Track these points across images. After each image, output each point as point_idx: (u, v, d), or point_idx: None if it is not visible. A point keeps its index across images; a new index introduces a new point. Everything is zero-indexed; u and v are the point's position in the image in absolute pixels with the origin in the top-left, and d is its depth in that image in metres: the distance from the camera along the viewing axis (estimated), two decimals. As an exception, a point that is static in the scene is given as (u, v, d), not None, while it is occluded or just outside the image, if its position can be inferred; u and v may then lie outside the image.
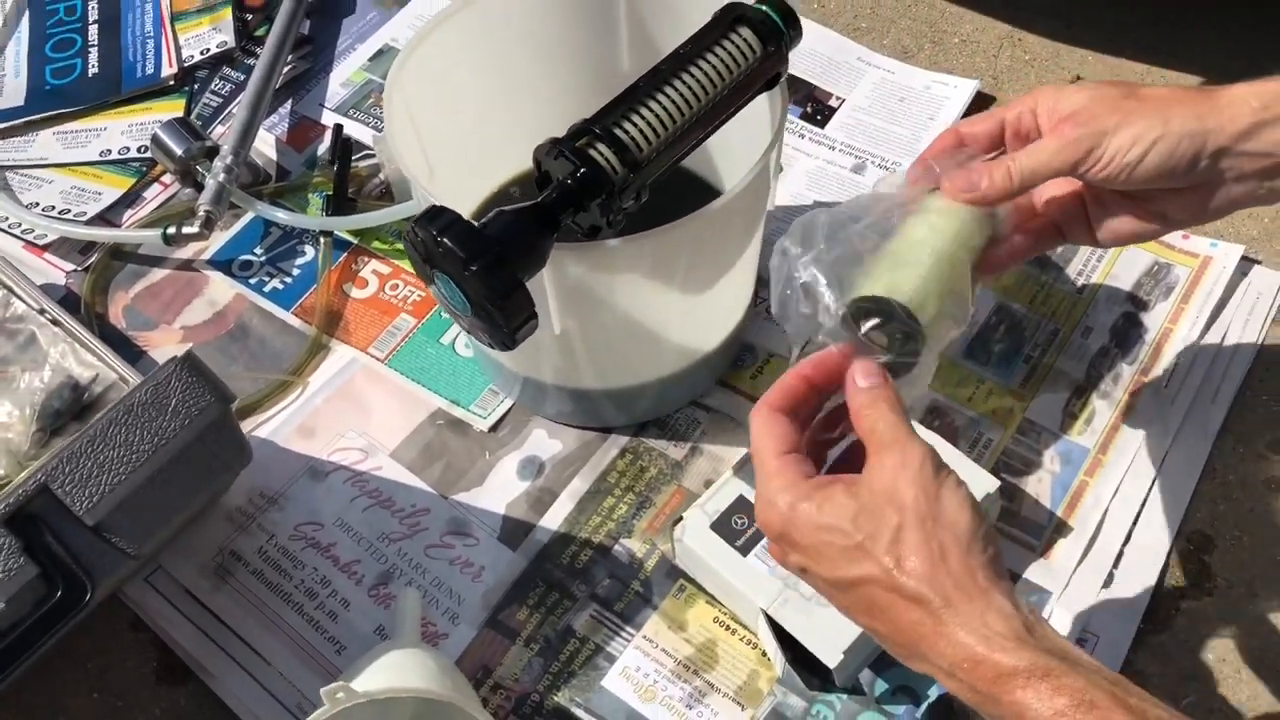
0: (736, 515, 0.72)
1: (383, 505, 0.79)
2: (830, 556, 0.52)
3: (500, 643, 0.73)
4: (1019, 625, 0.48)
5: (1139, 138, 0.58)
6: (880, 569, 0.50)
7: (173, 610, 0.75)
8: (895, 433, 0.52)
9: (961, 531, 0.50)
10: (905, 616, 0.50)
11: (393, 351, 0.86)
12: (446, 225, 0.58)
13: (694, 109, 0.64)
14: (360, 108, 1.00)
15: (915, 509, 0.50)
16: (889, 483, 0.51)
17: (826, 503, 0.52)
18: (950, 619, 0.48)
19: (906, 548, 0.50)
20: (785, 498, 0.53)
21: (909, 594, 0.49)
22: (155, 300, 0.90)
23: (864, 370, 0.55)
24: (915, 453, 0.51)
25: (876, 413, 0.53)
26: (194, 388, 0.62)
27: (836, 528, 0.51)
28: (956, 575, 0.49)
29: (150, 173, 0.97)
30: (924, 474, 0.51)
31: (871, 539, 0.50)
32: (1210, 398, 0.81)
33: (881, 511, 0.50)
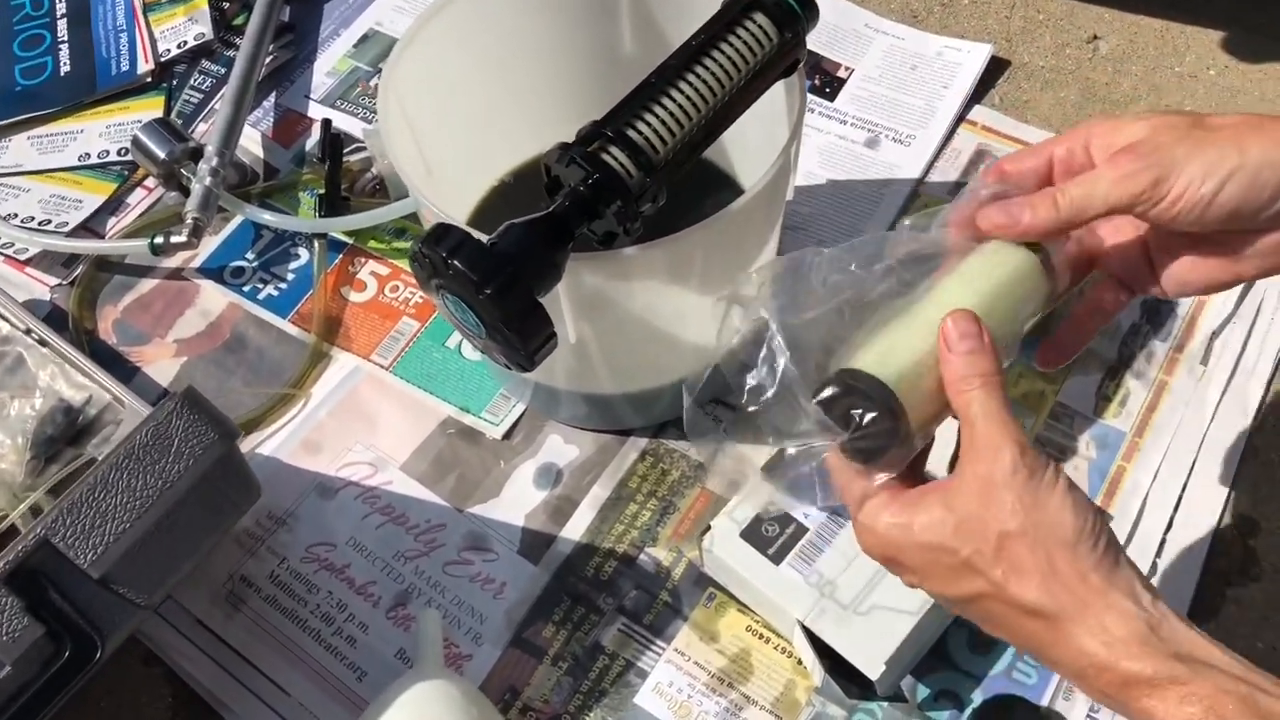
0: (767, 522, 0.69)
1: (396, 522, 0.76)
2: (939, 575, 0.50)
3: (527, 662, 0.71)
4: (1142, 627, 0.46)
5: (1213, 169, 0.51)
6: (991, 584, 0.48)
7: (185, 643, 0.72)
8: (989, 424, 0.48)
9: (1067, 534, 0.47)
10: (1025, 627, 0.48)
11: (397, 358, 0.82)
12: (456, 245, 0.54)
13: (710, 105, 0.60)
14: (348, 98, 0.96)
15: (1015, 517, 0.47)
16: (984, 488, 0.48)
17: (923, 518, 0.49)
18: (1069, 627, 0.46)
19: (1013, 560, 0.47)
20: (880, 521, 0.50)
21: (1024, 606, 0.47)
22: (146, 313, 0.86)
23: (959, 328, 0.49)
24: (1010, 450, 0.48)
25: (972, 393, 0.49)
26: (196, 425, 0.58)
27: (940, 546, 0.48)
28: (1069, 582, 0.46)
29: (132, 176, 0.93)
30: (1019, 475, 0.47)
31: (978, 554, 0.48)
32: (1248, 373, 0.78)
33: (981, 523, 0.47)
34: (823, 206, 0.88)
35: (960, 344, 0.49)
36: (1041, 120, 0.91)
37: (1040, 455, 0.48)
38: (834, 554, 0.68)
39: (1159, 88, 0.92)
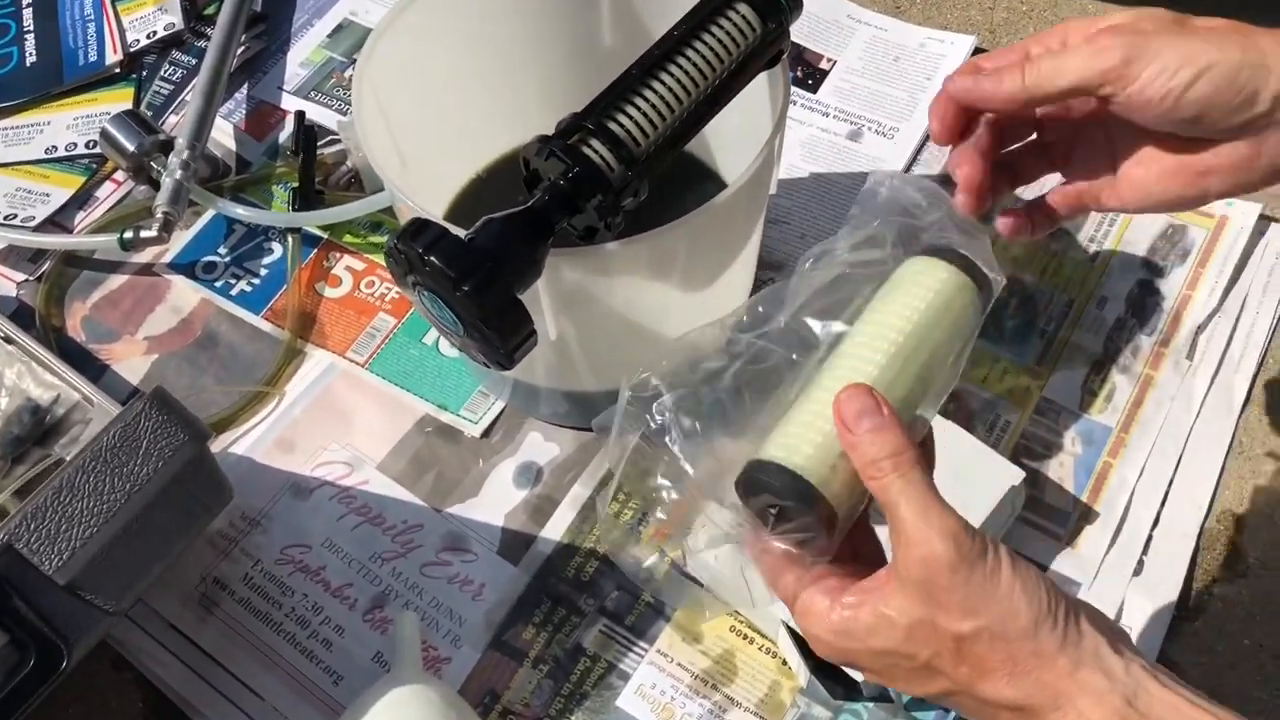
0: None
1: (372, 522, 0.74)
2: (902, 677, 0.47)
3: (507, 665, 0.69)
4: (1119, 704, 0.43)
5: (1188, 60, 0.48)
6: (957, 684, 0.45)
7: (157, 646, 0.71)
8: (913, 512, 0.44)
9: (1024, 623, 0.44)
10: (1003, 718, 0.45)
11: (373, 355, 0.81)
12: (433, 241, 0.53)
13: (693, 97, 0.59)
14: (322, 89, 0.94)
15: (967, 618, 0.44)
16: (926, 591, 0.44)
17: (867, 622, 0.46)
18: (1048, 717, 0.44)
19: (975, 660, 0.44)
20: (825, 630, 0.47)
21: (997, 703, 0.45)
22: (115, 310, 0.84)
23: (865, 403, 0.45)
24: (942, 544, 0.44)
25: (887, 479, 0.45)
26: (166, 426, 0.57)
27: (895, 652, 0.45)
28: (1035, 673, 0.44)
29: (101, 170, 0.91)
30: (960, 572, 0.44)
31: (937, 656, 0.45)
32: (1234, 367, 0.77)
33: (932, 627, 0.44)
34: (805, 200, 0.87)
35: (859, 424, 0.45)
36: (1025, 113, 0.90)
37: (976, 538, 0.44)
38: None
39: (1143, 80, 0.91)
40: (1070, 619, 0.44)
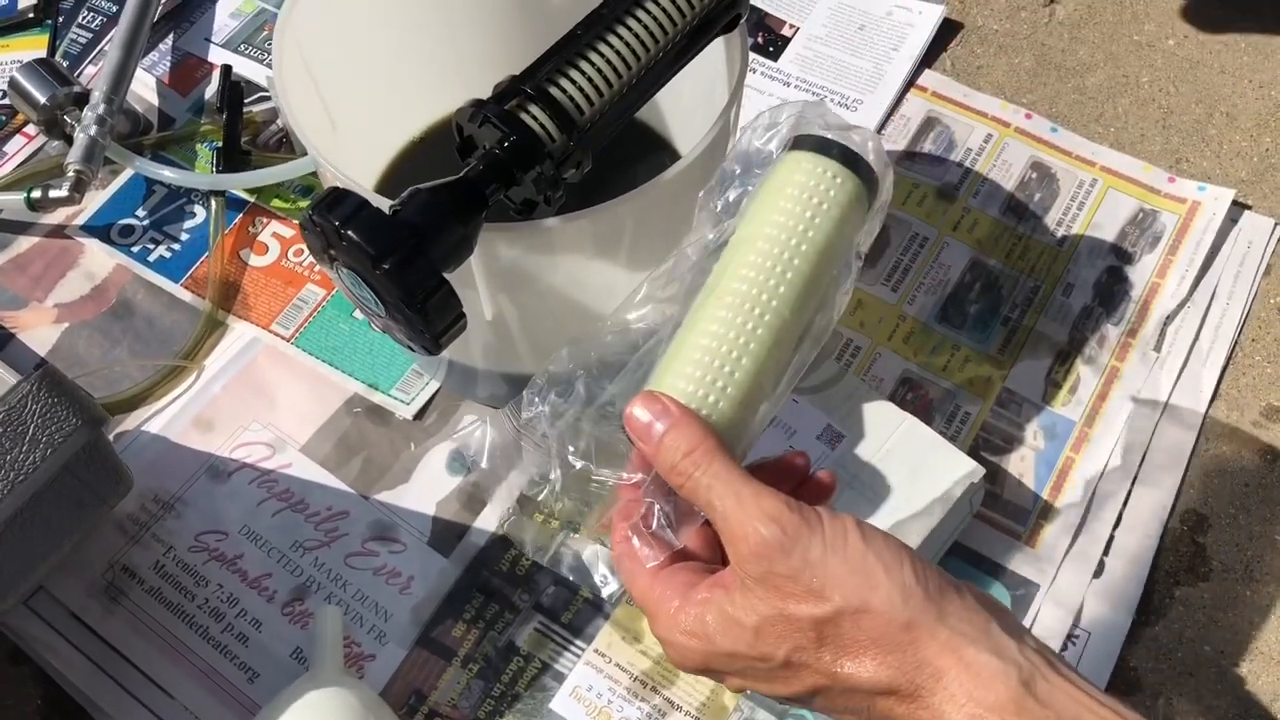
0: None
1: (295, 509, 0.70)
2: (764, 678, 0.42)
3: (434, 663, 0.65)
4: (1015, 686, 0.38)
5: None
6: (825, 677, 0.41)
7: (58, 638, 0.66)
8: (729, 503, 0.41)
9: (886, 595, 0.39)
10: (879, 707, 0.41)
11: (299, 329, 0.76)
12: (351, 213, 0.48)
13: (642, 61, 0.54)
14: (253, 42, 0.88)
15: (823, 599, 0.40)
16: (768, 581, 0.40)
17: (718, 624, 0.41)
18: (930, 701, 0.39)
19: (838, 646, 0.40)
20: (676, 636, 0.43)
21: (871, 689, 0.40)
22: (23, 275, 0.79)
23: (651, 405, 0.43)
24: (768, 527, 0.40)
25: (694, 476, 0.41)
26: (56, 409, 0.52)
27: (748, 655, 0.41)
28: (909, 648, 0.39)
29: (10, 122, 0.85)
30: (798, 550, 0.40)
31: (797, 650, 0.40)
32: (1202, 360, 0.74)
33: (782, 619, 0.40)
34: (763, 174, 0.82)
35: (652, 433, 0.42)
36: (995, 87, 0.86)
37: (805, 513, 0.41)
38: None
39: (1116, 56, 0.88)
40: (949, 591, 0.40)
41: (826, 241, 0.45)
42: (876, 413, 0.67)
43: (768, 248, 0.45)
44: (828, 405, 0.67)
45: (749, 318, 0.44)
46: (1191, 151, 0.83)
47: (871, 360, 0.74)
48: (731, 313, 0.44)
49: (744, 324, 0.44)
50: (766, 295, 0.44)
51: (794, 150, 0.47)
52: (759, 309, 0.44)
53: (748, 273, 0.44)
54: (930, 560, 0.45)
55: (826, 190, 0.46)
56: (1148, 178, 0.81)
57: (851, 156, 0.46)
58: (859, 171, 0.47)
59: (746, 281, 0.44)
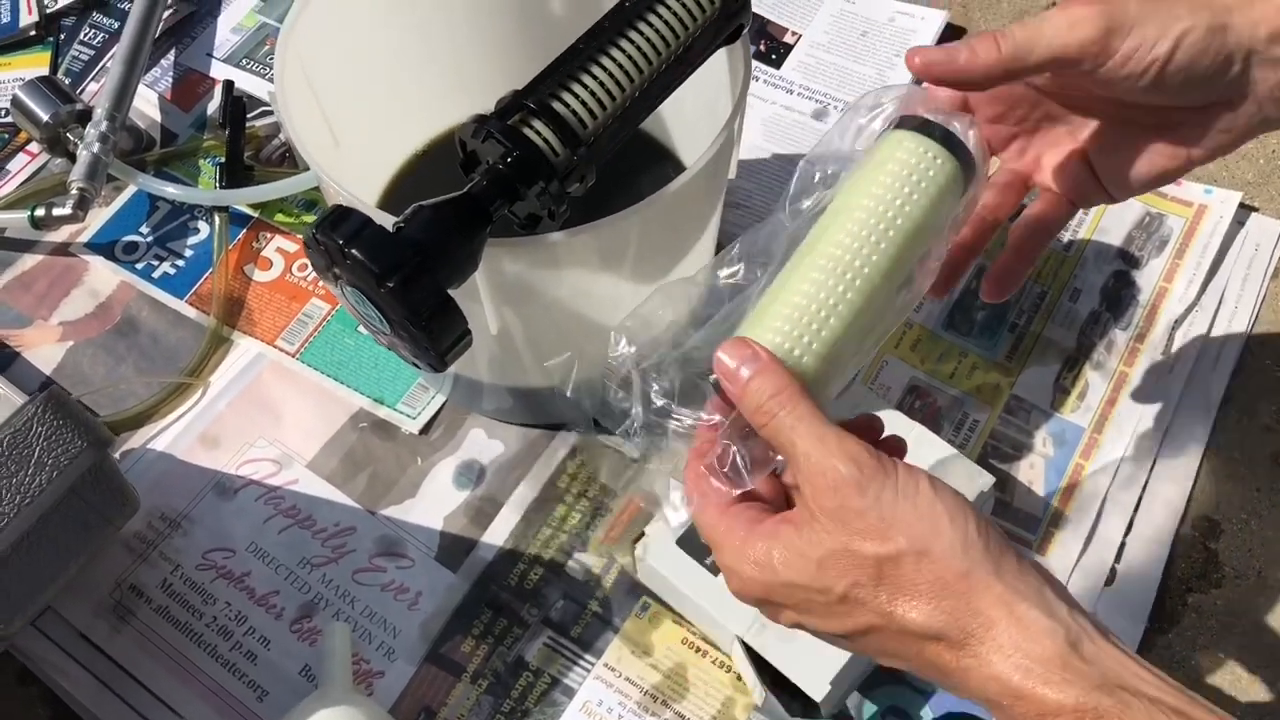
0: None
1: (302, 525, 0.69)
2: (820, 613, 0.43)
3: (443, 680, 0.65)
4: (1061, 645, 0.39)
5: (1166, 29, 0.46)
6: (879, 616, 0.42)
7: (66, 659, 0.65)
8: (810, 444, 0.42)
9: (952, 541, 0.41)
10: (926, 655, 0.42)
11: (304, 344, 0.75)
12: (355, 232, 0.48)
13: (645, 74, 0.54)
14: (254, 57, 0.88)
15: (887, 538, 0.41)
16: (838, 517, 0.42)
17: (783, 556, 0.43)
18: (978, 650, 0.40)
19: (898, 583, 0.41)
20: (741, 565, 0.44)
21: (922, 632, 0.41)
22: (27, 293, 0.79)
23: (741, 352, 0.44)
24: (845, 466, 0.42)
25: (777, 417, 0.43)
26: (62, 432, 0.51)
27: (808, 585, 0.42)
28: (967, 596, 0.40)
29: (13, 140, 0.85)
30: (870, 491, 0.41)
31: (856, 586, 0.42)
32: (1211, 364, 0.74)
33: (849, 555, 0.41)
34: (767, 182, 0.82)
35: (739, 376, 0.44)
36: (998, 93, 0.86)
37: (883, 459, 0.42)
38: None
39: (1120, 60, 0.87)
40: (1007, 548, 0.41)
41: (922, 217, 0.47)
42: (885, 422, 0.66)
43: (865, 217, 0.46)
44: (835, 415, 0.67)
45: (841, 280, 0.45)
46: (1197, 154, 0.83)
47: (879, 369, 0.74)
48: (825, 274, 0.46)
49: (835, 286, 0.45)
50: (860, 262, 0.46)
51: (898, 129, 0.48)
52: (851, 274, 0.46)
53: (844, 239, 0.46)
54: None
55: (926, 170, 0.47)
56: (1154, 181, 0.81)
57: (953, 141, 0.48)
58: (958, 155, 0.48)
59: (842, 247, 0.46)
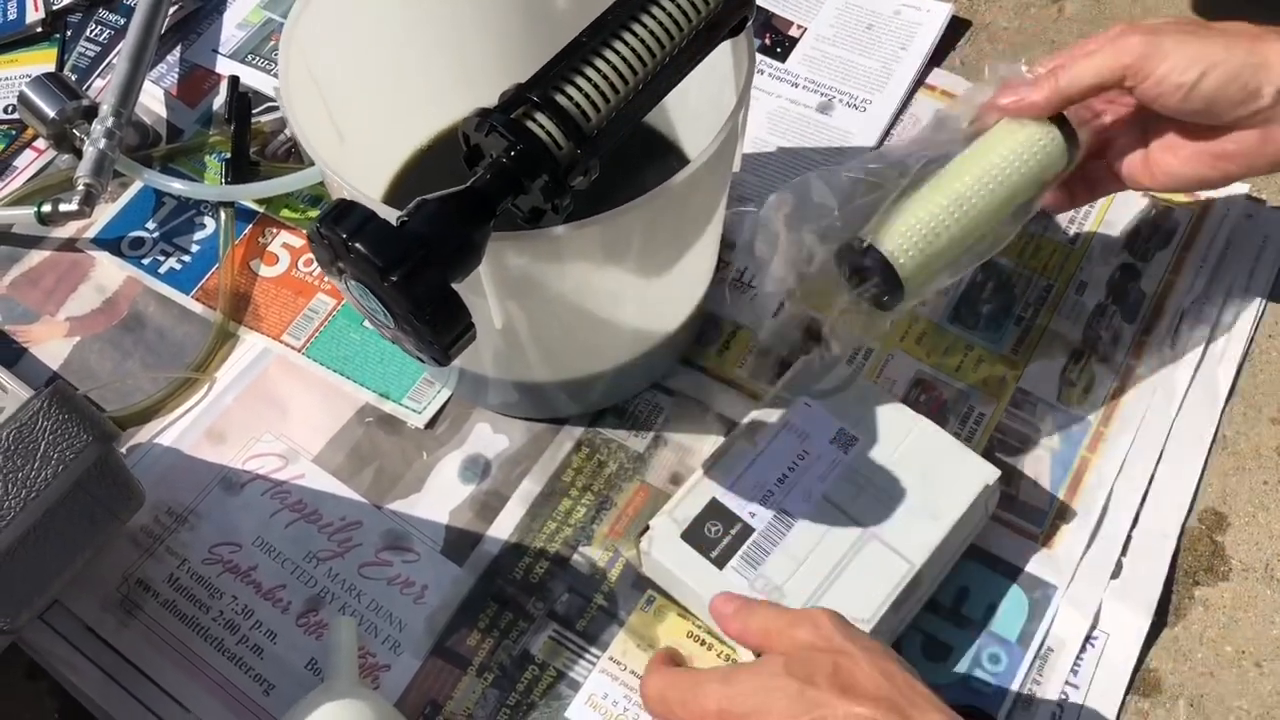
0: (710, 522, 0.64)
1: (308, 519, 0.70)
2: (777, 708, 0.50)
3: (449, 673, 0.65)
4: None
5: (1198, 58, 0.58)
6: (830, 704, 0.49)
7: (74, 653, 0.66)
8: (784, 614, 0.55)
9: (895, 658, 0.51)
10: None
11: (310, 339, 0.76)
12: (358, 225, 0.48)
13: (649, 67, 0.54)
14: (260, 52, 0.89)
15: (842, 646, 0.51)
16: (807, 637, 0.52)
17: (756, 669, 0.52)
18: None
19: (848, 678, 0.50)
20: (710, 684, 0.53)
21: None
22: (34, 288, 0.79)
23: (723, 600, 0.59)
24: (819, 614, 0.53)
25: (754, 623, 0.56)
26: (67, 426, 0.52)
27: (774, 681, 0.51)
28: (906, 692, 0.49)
29: (20, 137, 0.85)
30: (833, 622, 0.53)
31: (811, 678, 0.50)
32: (1217, 358, 0.74)
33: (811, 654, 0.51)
34: (772, 176, 0.82)
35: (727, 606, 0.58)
36: (1004, 85, 0.86)
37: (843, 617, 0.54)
38: (781, 556, 0.63)
39: (1126, 52, 0.87)
40: None
41: (1024, 181, 0.63)
42: (890, 416, 0.66)
43: (987, 167, 0.62)
44: (841, 409, 0.67)
45: (956, 208, 0.62)
46: (1204, 146, 0.82)
47: (884, 362, 0.74)
48: (948, 200, 0.62)
49: (952, 211, 0.62)
50: (974, 199, 0.62)
51: None
52: (965, 205, 0.62)
53: (968, 180, 0.62)
54: (947, 564, 0.62)
55: (1043, 144, 0.63)
56: (1160, 174, 0.80)
57: (1069, 130, 0.63)
58: (1070, 142, 0.63)
59: (965, 185, 0.62)
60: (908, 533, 0.63)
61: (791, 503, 0.64)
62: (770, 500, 0.64)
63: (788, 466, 0.65)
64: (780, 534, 0.63)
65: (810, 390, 0.67)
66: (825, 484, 0.64)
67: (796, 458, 0.65)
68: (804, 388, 0.68)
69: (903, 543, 0.62)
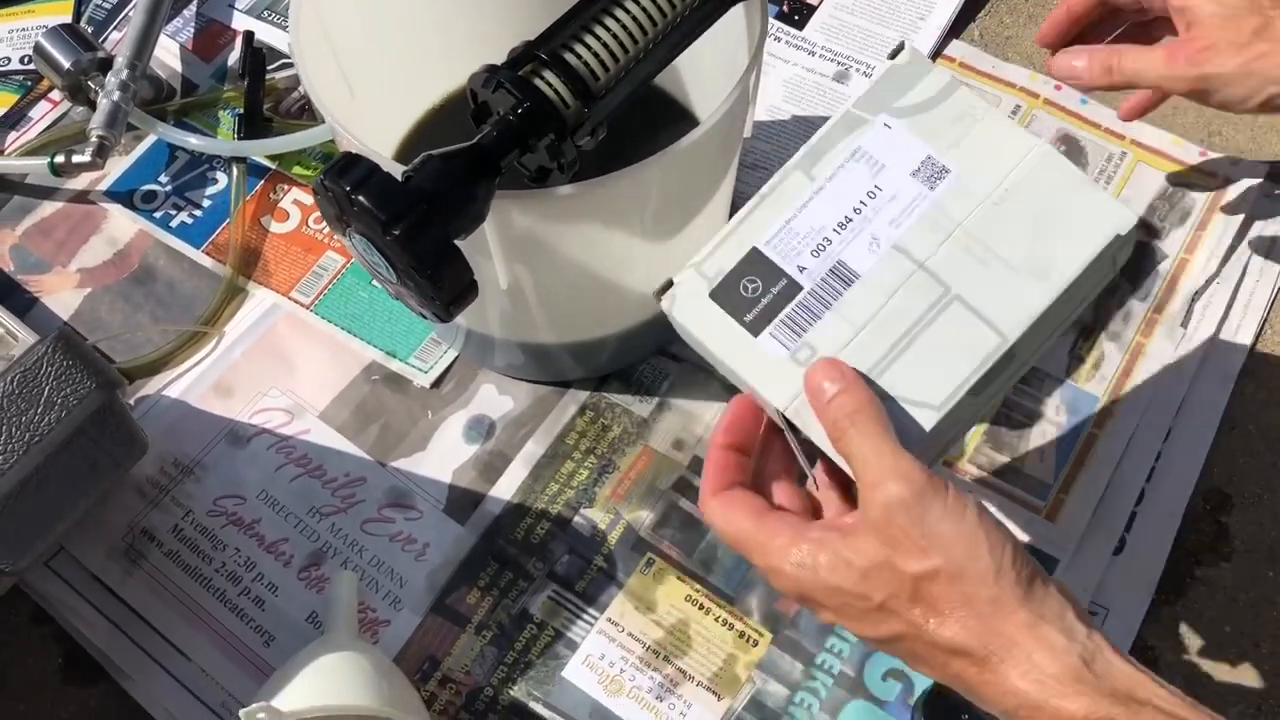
0: (748, 278, 0.51)
1: (312, 475, 0.70)
2: (855, 617, 0.47)
3: (449, 630, 0.65)
4: (1075, 662, 0.43)
5: (1256, 91, 0.60)
6: (910, 626, 0.45)
7: (79, 600, 0.66)
8: (870, 458, 0.45)
9: (984, 567, 0.44)
10: (950, 667, 0.45)
11: (319, 296, 0.76)
12: (362, 179, 0.48)
13: (659, 27, 0.54)
14: (275, 8, 0.88)
15: (925, 557, 0.44)
16: (884, 531, 0.45)
17: (827, 560, 0.46)
18: (997, 666, 0.44)
19: (931, 602, 0.44)
20: (783, 565, 0.47)
21: (947, 647, 0.44)
22: (47, 239, 0.79)
23: (826, 373, 0.47)
24: (898, 485, 0.44)
25: (856, 431, 0.46)
26: (71, 372, 0.52)
27: (850, 591, 0.46)
28: (993, 620, 0.43)
29: (36, 88, 0.85)
30: (914, 511, 0.44)
31: (892, 598, 0.45)
32: (1230, 338, 0.73)
33: (890, 568, 0.45)
34: (785, 143, 0.81)
35: (826, 390, 0.47)
36: (1024, 58, 0.85)
37: (937, 481, 0.45)
38: (835, 322, 0.49)
39: (1149, 27, 0.86)
40: (1038, 579, 0.45)
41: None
42: (996, 140, 0.51)
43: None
44: (931, 131, 0.52)
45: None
46: (1225, 125, 0.81)
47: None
48: None
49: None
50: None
51: None
52: None
53: None
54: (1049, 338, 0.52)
55: None
56: (1179, 152, 0.80)
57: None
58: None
59: None
60: (1004, 295, 0.49)
61: (853, 254, 0.50)
62: (826, 251, 0.50)
63: (853, 207, 0.51)
64: (835, 294, 0.50)
65: (893, 108, 0.52)
66: (900, 229, 0.50)
67: (866, 195, 0.51)
68: (885, 103, 0.52)
69: (995, 308, 0.49)
